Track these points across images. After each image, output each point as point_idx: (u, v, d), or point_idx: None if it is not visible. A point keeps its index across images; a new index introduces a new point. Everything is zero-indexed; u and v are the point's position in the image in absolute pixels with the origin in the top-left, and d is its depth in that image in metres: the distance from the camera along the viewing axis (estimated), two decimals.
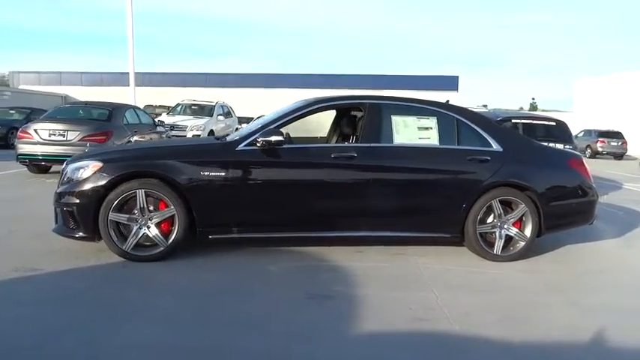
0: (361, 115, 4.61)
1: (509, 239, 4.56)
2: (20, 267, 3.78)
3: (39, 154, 8.50)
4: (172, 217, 4.06)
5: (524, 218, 4.53)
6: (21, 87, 34.43)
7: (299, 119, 4.44)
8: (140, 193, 4.00)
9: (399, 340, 2.87)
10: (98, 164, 4.05)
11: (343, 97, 4.75)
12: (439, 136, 4.53)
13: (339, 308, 3.28)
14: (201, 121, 14.61)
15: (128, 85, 16.38)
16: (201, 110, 16.17)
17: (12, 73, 37.35)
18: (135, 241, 4.03)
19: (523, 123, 8.95)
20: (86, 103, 9.89)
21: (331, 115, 5.75)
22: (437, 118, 4.57)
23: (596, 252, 5.10)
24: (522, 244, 4.53)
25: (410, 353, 2.71)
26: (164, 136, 10.73)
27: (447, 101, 5.36)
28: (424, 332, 2.97)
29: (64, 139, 8.42)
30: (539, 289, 3.85)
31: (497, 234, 4.50)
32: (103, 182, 3.97)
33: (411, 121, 4.55)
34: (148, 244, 4.11)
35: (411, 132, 4.52)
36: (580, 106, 35.75)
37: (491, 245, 4.50)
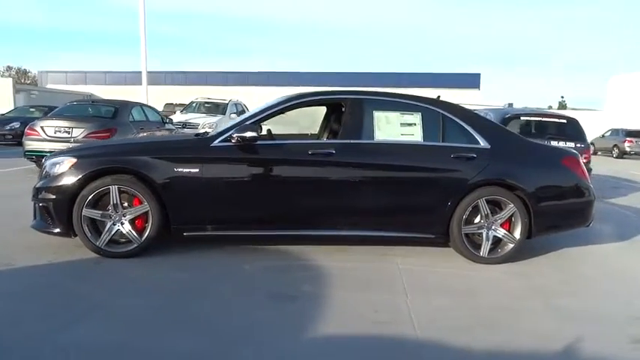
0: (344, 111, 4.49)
1: (497, 241, 4.36)
2: None
3: (45, 150, 8.60)
4: (146, 213, 4.01)
5: (513, 219, 4.33)
6: (48, 86, 35.33)
7: (277, 115, 4.34)
8: (113, 189, 3.96)
9: (352, 344, 2.74)
10: (73, 160, 4.04)
11: (324, 93, 4.63)
12: (423, 132, 4.36)
13: (299, 309, 3.17)
14: (214, 119, 14.66)
15: (151, 84, 16.59)
16: (215, 108, 16.23)
17: (41, 72, 38.44)
18: (108, 238, 4.00)
19: (532, 120, 8.66)
20: (92, 100, 10.02)
21: (324, 111, 5.64)
22: (421, 114, 4.40)
23: (593, 256, 4.84)
24: (511, 245, 4.33)
25: (357, 358, 2.58)
26: (173, 133, 10.79)
27: (438, 97, 5.18)
28: (381, 336, 2.83)
29: (69, 136, 8.53)
30: (522, 294, 3.65)
31: (484, 235, 4.31)
32: (76, 178, 3.95)
33: (394, 117, 4.39)
34: (124, 240, 4.08)
35: (394, 128, 4.36)
36: (612, 104, 34.50)
37: (478, 247, 4.31)
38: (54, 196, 3.99)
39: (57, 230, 4.04)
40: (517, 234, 4.31)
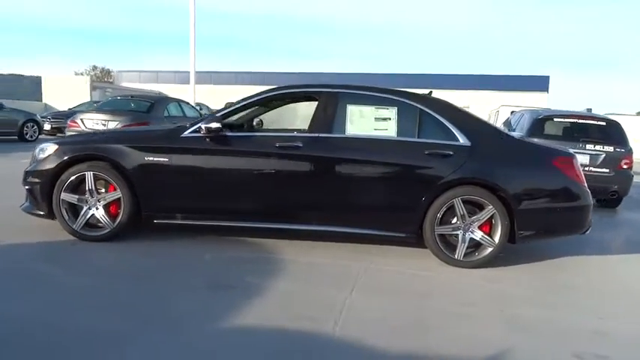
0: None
1: (477, 244, 4.11)
2: None
3: None
4: (119, 200, 4.17)
5: (493, 221, 4.06)
6: (123, 84, 37.67)
7: (250, 108, 4.37)
8: (89, 175, 4.15)
9: (258, 336, 2.68)
10: (55, 147, 4.28)
11: (297, 87, 4.57)
12: (397, 127, 4.20)
13: (230, 299, 3.15)
14: None
15: (217, 84, 17.12)
16: None
17: (118, 72, 41.17)
18: (84, 221, 4.19)
19: (567, 122, 8.10)
20: (132, 95, 10.56)
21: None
22: (397, 109, 4.24)
23: (583, 266, 4.47)
24: (490, 250, 4.06)
25: (259, 351, 2.52)
26: None
27: (430, 92, 4.97)
28: (294, 331, 2.75)
29: (105, 128, 9.04)
30: (480, 300, 3.41)
31: (460, 237, 4.08)
32: (55, 163, 4.18)
33: (369, 111, 4.26)
34: (101, 224, 4.26)
35: (367, 123, 4.23)
36: None
37: (455, 249, 4.09)
38: (38, 180, 4.24)
39: (41, 212, 4.28)
40: (497, 237, 4.04)
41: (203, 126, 4.08)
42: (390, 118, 4.21)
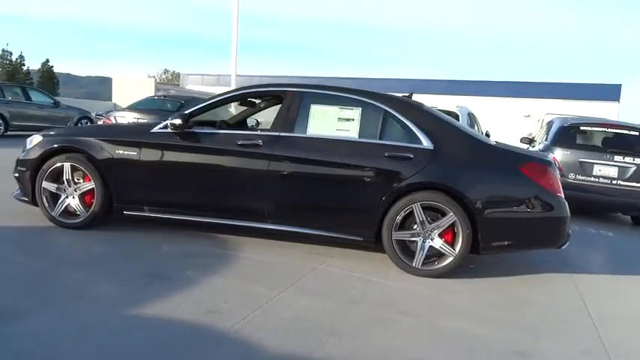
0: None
1: (439, 253, 3.92)
2: None
3: None
4: (93, 190, 4.37)
5: (455, 230, 3.87)
6: (187, 87, 39.33)
7: (216, 107, 4.44)
8: (66, 166, 4.37)
9: (159, 326, 2.70)
10: (39, 138, 4.56)
11: (264, 86, 4.58)
12: (360, 128, 4.10)
13: (154, 289, 3.19)
14: None
15: None
16: None
17: (184, 75, 43.07)
18: (61, 209, 4.42)
19: (596, 131, 7.55)
20: (164, 95, 11.04)
21: None
22: (361, 109, 4.15)
23: (550, 283, 4.17)
24: (450, 259, 3.87)
25: (144, 339, 2.55)
26: None
27: (410, 94, 4.83)
28: (195, 324, 2.74)
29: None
30: (417, 310, 3.25)
31: (418, 244, 3.92)
32: (38, 154, 4.44)
33: (333, 111, 4.20)
34: (78, 213, 4.48)
35: (330, 123, 4.17)
36: None
37: (413, 256, 3.93)
38: (24, 169, 4.53)
39: (26, 199, 4.58)
40: (457, 247, 3.84)
41: (169, 122, 4.20)
42: (353, 119, 4.13)
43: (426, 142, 3.96)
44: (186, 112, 4.32)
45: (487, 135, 10.29)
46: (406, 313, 3.18)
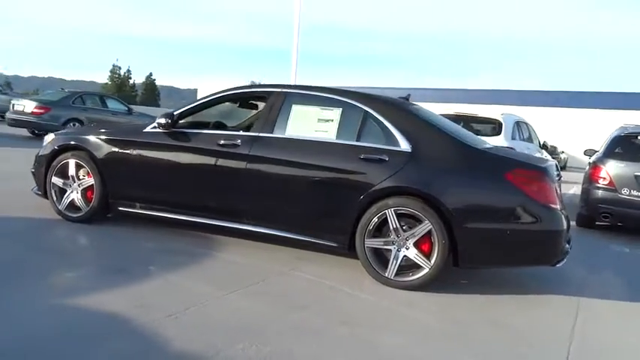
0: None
1: (417, 264, 3.64)
2: None
3: None
4: (92, 186, 4.59)
5: (432, 239, 3.57)
6: None
7: (204, 108, 4.50)
8: (71, 163, 4.64)
9: (84, 317, 2.72)
10: (52, 136, 4.89)
11: (249, 87, 4.55)
12: (338, 129, 3.94)
13: (100, 280, 3.28)
14: None
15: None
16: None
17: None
18: (67, 202, 4.68)
19: None
20: None
21: None
22: (342, 110, 3.98)
23: (542, 305, 3.69)
24: (425, 271, 3.57)
25: (61, 328, 2.59)
26: None
27: (408, 95, 4.57)
28: (119, 317, 2.73)
29: None
30: (361, 322, 3.01)
31: (392, 253, 3.66)
32: (49, 151, 4.77)
33: (314, 112, 4.08)
34: (80, 207, 4.71)
35: (310, 124, 4.05)
36: None
37: (387, 266, 3.68)
38: (38, 165, 4.88)
39: (40, 193, 4.92)
40: (433, 258, 3.54)
41: (157, 122, 4.32)
42: (332, 120, 3.98)
43: (403, 145, 3.71)
44: (174, 112, 4.42)
45: (544, 146, 9.52)
46: (347, 323, 2.96)
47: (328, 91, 4.12)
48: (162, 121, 4.26)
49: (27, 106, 12.76)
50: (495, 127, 7.79)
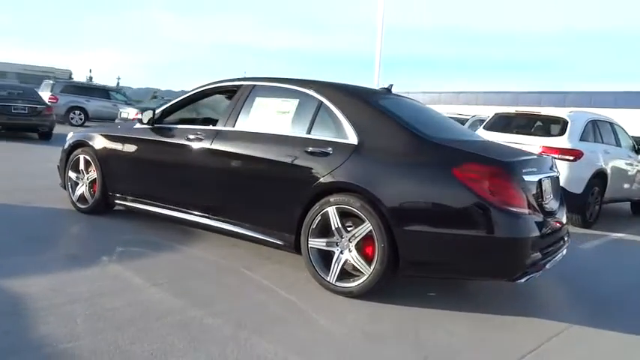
0: None
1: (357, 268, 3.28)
2: None
3: None
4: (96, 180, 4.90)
5: (374, 242, 3.19)
6: None
7: (183, 105, 4.56)
8: (81, 158, 5.00)
9: None
10: (71, 134, 5.31)
11: (223, 81, 4.40)
12: (292, 121, 3.72)
13: (46, 265, 3.42)
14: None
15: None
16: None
17: (407, 93, 44.39)
18: (78, 195, 5.06)
19: None
20: None
21: None
22: (299, 101, 3.75)
23: (486, 325, 3.05)
24: (364, 277, 3.20)
25: None
26: None
27: (390, 85, 4.19)
28: (17, 297, 2.84)
29: None
30: (245, 323, 2.78)
31: (335, 255, 3.35)
32: (67, 147, 5.20)
33: (274, 104, 3.91)
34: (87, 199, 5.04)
35: (269, 116, 3.90)
36: None
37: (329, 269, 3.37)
38: (60, 160, 5.34)
39: (63, 186, 5.38)
40: (373, 262, 3.16)
41: (137, 117, 4.48)
42: (288, 112, 3.78)
43: (351, 137, 3.38)
44: (156, 109, 4.54)
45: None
46: (243, 326, 2.74)
47: (288, 82, 3.92)
48: (144, 117, 4.41)
49: (130, 113, 14.19)
50: (559, 127, 6.81)
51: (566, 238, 3.64)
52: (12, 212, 4.89)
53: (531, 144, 6.66)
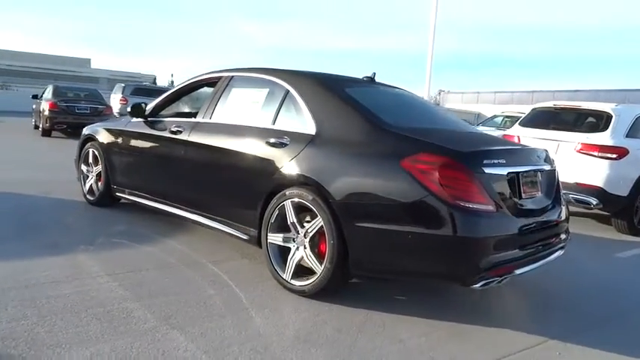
0: None
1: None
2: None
3: None
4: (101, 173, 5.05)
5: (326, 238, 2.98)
6: (447, 105, 39.15)
7: (171, 99, 4.55)
8: (90, 152, 5.19)
9: None
10: (85, 129, 5.52)
11: (209, 73, 4.30)
12: (261, 111, 3.58)
13: (25, 253, 3.53)
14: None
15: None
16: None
17: (443, 94, 42.95)
18: (87, 187, 5.24)
19: None
20: None
21: None
22: (268, 91, 3.61)
23: (446, 335, 2.67)
24: (315, 276, 3.00)
25: None
26: None
27: (373, 74, 3.93)
28: None
29: None
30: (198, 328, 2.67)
31: (292, 251, 3.17)
32: (80, 141, 5.41)
33: (247, 95, 3.80)
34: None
35: (242, 107, 3.79)
36: None
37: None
38: (76, 153, 5.57)
39: (78, 178, 5.60)
40: (324, 260, 2.95)
41: (129, 109, 4.55)
42: (257, 102, 3.64)
43: (309, 127, 3.18)
44: (147, 104, 4.59)
45: None
46: (177, 326, 2.65)
47: (261, 72, 3.79)
48: (129, 108, 4.48)
49: None
50: (602, 122, 6.10)
51: (557, 240, 3.20)
52: (28, 202, 5.17)
53: (569, 140, 6.07)
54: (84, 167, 5.28)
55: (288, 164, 3.15)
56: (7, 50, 73.20)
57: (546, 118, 6.68)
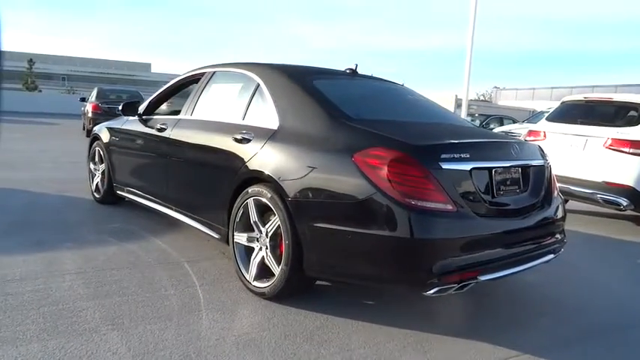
0: None
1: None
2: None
3: None
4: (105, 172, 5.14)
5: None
6: (500, 102, 37.70)
7: (163, 97, 4.52)
8: (97, 150, 5.30)
9: None
10: (95, 129, 5.64)
11: (196, 69, 4.22)
12: (233, 106, 3.47)
13: (9, 249, 3.60)
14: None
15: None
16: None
17: (497, 90, 41.41)
18: (94, 186, 5.36)
19: None
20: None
21: None
22: (241, 86, 3.50)
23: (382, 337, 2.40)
24: (274, 278, 2.86)
25: None
26: None
27: (355, 66, 3.73)
28: None
29: None
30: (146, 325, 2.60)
31: (255, 251, 3.04)
32: (89, 140, 5.54)
33: (224, 90, 3.72)
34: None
35: (219, 103, 3.71)
36: None
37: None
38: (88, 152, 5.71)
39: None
40: (281, 261, 2.81)
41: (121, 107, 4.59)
42: (232, 97, 3.54)
43: (273, 122, 3.04)
44: (141, 102, 4.60)
45: None
46: (115, 324, 2.60)
47: (237, 66, 3.68)
48: (122, 109, 4.51)
49: None
50: (635, 116, 5.56)
51: (546, 242, 2.89)
52: (36, 200, 5.35)
53: (598, 136, 5.58)
54: (92, 166, 5.40)
55: (251, 161, 3.02)
56: (75, 57, 77.65)
57: (575, 112, 6.19)
